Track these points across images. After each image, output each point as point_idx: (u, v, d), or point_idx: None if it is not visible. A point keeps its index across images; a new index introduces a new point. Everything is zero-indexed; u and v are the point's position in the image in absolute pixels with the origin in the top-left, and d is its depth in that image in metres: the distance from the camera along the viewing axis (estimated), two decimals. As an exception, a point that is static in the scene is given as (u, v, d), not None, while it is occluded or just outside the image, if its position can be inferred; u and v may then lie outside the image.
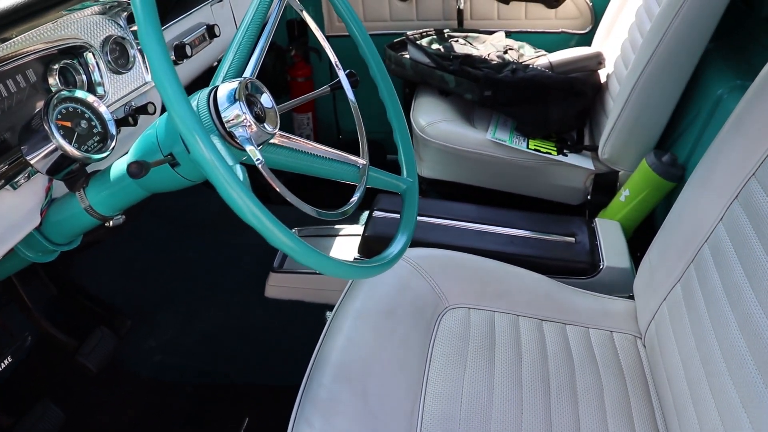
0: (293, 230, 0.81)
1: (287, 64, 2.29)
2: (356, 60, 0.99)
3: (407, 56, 1.83)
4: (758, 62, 1.04)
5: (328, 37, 1.01)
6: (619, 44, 1.70)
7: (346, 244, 1.56)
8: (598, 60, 1.77)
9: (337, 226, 1.63)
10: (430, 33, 1.96)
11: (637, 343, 1.11)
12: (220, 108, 0.71)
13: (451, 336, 1.06)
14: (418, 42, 1.85)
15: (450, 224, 1.40)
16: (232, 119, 0.70)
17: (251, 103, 0.73)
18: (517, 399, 0.97)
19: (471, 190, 1.70)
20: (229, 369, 1.55)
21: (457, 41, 1.93)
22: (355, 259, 1.42)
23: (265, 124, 0.73)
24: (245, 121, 0.70)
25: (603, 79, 1.76)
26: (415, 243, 1.32)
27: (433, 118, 1.69)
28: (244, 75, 0.79)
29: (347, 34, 0.97)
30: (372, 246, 1.38)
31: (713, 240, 0.93)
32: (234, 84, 0.72)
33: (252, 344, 1.60)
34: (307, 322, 1.46)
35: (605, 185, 1.61)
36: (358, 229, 1.47)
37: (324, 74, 2.34)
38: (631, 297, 1.24)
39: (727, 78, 1.34)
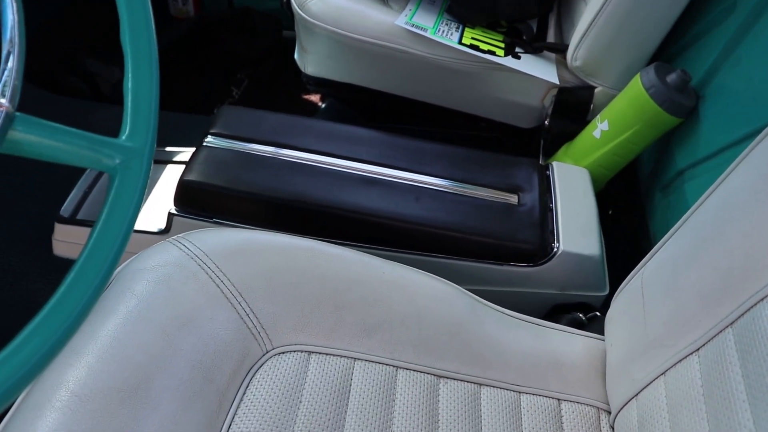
0: None
1: None
2: None
3: None
4: None
5: None
6: None
7: (169, 185, 1.01)
8: None
9: (171, 149, 1.08)
10: None
11: (601, 420, 0.64)
12: None
13: (266, 407, 0.56)
14: None
15: (317, 164, 0.87)
16: None
17: None
18: None
19: (376, 97, 1.15)
20: None
21: None
22: (170, 214, 0.89)
23: None
24: None
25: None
26: (235, 207, 0.82)
27: (322, -13, 1.10)
28: None
29: None
30: (192, 198, 0.86)
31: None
32: None
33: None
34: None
35: (573, 106, 1.08)
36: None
37: None
38: (597, 318, 0.77)
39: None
